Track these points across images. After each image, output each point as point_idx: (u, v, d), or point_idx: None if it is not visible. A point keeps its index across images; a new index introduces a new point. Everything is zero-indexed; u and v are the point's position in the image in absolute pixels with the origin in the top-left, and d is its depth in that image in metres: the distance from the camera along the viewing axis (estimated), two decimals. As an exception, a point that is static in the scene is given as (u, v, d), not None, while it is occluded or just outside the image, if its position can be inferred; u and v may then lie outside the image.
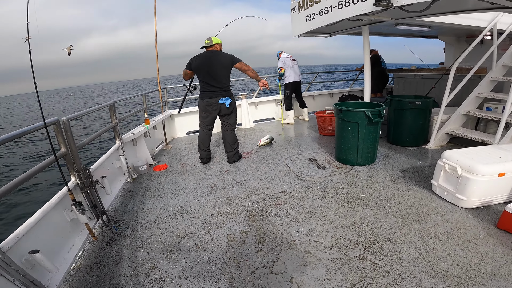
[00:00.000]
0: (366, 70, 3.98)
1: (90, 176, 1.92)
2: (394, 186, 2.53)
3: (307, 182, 2.70)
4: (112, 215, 2.34)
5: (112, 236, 2.03)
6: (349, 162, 3.10)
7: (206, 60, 3.05)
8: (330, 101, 6.75)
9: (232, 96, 3.24)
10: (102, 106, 2.60)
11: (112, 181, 2.70)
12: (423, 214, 2.07)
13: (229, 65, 3.07)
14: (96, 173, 2.26)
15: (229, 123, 3.34)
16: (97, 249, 1.88)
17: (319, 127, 4.61)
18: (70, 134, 1.80)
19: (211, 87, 3.10)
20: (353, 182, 2.64)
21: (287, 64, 5.14)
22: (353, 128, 2.91)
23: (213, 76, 3.05)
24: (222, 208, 2.31)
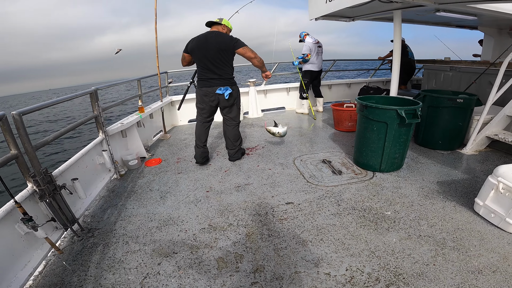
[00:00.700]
0: (395, 60, 3.53)
1: (52, 182, 1.65)
2: (426, 202, 2.16)
3: (319, 191, 2.36)
4: (88, 221, 2.10)
5: (81, 249, 1.80)
6: (371, 168, 2.73)
7: (203, 42, 2.63)
8: (348, 91, 6.29)
9: (234, 86, 2.83)
10: (79, 94, 2.30)
11: (93, 181, 2.45)
12: (462, 240, 1.73)
13: (229, 49, 2.64)
14: (65, 175, 1.99)
15: (230, 117, 2.97)
16: (61, 265, 1.66)
17: (335, 121, 4.22)
18: (24, 132, 1.53)
19: (208, 73, 2.71)
20: (375, 194, 2.29)
21: (313, 50, 4.72)
22: (380, 129, 2.52)
23: (210, 61, 2.65)
24: (216, 221, 2.02)
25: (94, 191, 2.40)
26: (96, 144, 2.55)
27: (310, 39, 4.77)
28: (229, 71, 2.76)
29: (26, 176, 1.55)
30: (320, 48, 4.83)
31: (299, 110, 5.33)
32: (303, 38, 4.85)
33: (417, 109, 2.41)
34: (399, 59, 3.62)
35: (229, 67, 2.74)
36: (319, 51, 4.82)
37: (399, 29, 3.46)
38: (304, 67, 4.87)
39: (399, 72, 3.67)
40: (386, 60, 6.10)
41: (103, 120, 2.61)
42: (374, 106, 2.48)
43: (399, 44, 3.55)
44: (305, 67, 4.85)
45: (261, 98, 5.61)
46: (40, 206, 1.66)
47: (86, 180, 2.32)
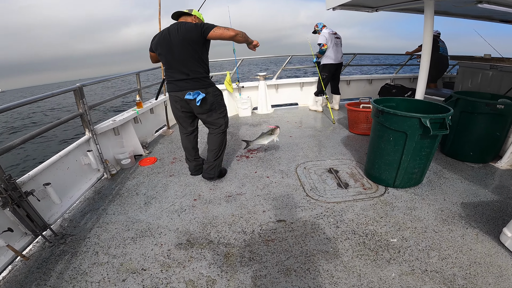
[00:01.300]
0: (424, 56, 3.18)
1: (17, 188, 1.60)
2: (443, 228, 1.90)
3: (318, 208, 2.17)
4: (64, 226, 2.07)
5: (49, 256, 1.77)
6: (383, 182, 2.48)
7: (165, 36, 2.21)
8: (369, 88, 5.90)
9: (210, 88, 2.37)
10: (61, 91, 2.25)
11: (76, 182, 2.42)
12: (476, 277, 1.49)
13: (198, 38, 2.16)
14: (37, 179, 1.96)
15: (209, 124, 2.53)
16: (25, 272, 1.64)
17: (349, 122, 3.95)
18: None
19: (175, 73, 2.30)
20: (383, 216, 2.06)
21: (329, 40, 4.45)
22: (398, 140, 2.25)
23: (175, 58, 2.24)
24: (196, 236, 1.90)
25: (77, 193, 2.37)
26: (81, 144, 2.51)
27: (327, 30, 4.53)
28: (200, 69, 2.30)
29: None
30: (338, 39, 4.54)
31: (312, 107, 5.11)
32: (320, 29, 4.59)
33: (446, 118, 2.09)
34: (428, 55, 3.27)
35: (199, 63, 2.29)
36: (337, 42, 4.53)
37: (430, 22, 3.10)
38: (322, 60, 4.61)
39: (428, 70, 3.32)
40: (415, 55, 5.64)
41: (90, 118, 2.55)
42: (392, 112, 2.19)
43: (429, 39, 3.20)
44: (323, 60, 4.60)
45: (272, 93, 5.42)
46: (6, 214, 1.62)
47: (66, 183, 2.29)
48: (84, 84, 2.55)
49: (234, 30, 2.16)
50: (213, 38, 2.18)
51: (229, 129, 4.27)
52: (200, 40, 2.18)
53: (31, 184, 1.88)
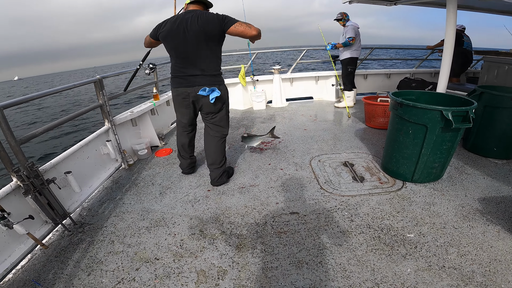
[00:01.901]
0: (446, 50, 3.03)
1: (39, 176, 1.65)
2: (463, 225, 1.81)
3: (332, 201, 2.12)
4: (83, 215, 2.13)
5: (68, 245, 1.82)
6: (401, 177, 2.38)
7: (180, 25, 1.97)
8: (387, 83, 5.69)
9: (222, 86, 2.20)
10: (82, 82, 2.29)
11: (95, 172, 2.48)
12: (496, 274, 1.42)
13: (217, 32, 1.97)
14: (58, 168, 2.01)
15: (215, 125, 2.32)
16: (43, 260, 1.69)
17: (366, 116, 3.83)
18: (6, 126, 1.53)
19: (188, 68, 2.09)
20: (400, 211, 1.98)
21: (358, 34, 4.33)
22: (417, 133, 2.15)
23: (191, 51, 2.03)
24: (208, 227, 1.90)
25: (96, 182, 2.43)
26: (101, 134, 2.57)
27: (352, 22, 4.36)
28: (216, 65, 2.13)
29: (9, 171, 1.56)
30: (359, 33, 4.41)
31: (340, 104, 4.81)
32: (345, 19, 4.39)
33: (469, 111, 1.97)
34: (451, 50, 3.11)
35: (216, 59, 2.11)
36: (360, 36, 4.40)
37: (453, 16, 2.94)
38: (347, 53, 4.43)
39: (450, 63, 3.16)
40: (437, 49, 5.36)
41: (109, 109, 2.60)
42: (412, 104, 2.09)
43: (452, 33, 3.03)
44: (350, 54, 4.41)
45: (287, 86, 5.34)
46: (28, 201, 1.67)
47: (86, 172, 2.35)
48: (104, 76, 2.59)
49: (256, 29, 1.96)
50: (232, 34, 2.00)
51: (243, 121, 4.26)
52: (219, 33, 2.00)
53: (52, 172, 1.94)
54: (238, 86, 4.99)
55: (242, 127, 3.99)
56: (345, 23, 4.39)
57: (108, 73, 2.85)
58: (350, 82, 4.61)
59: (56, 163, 1.97)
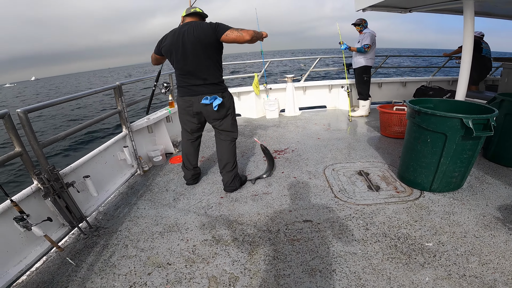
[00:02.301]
0: (464, 58, 2.98)
1: (59, 179, 1.71)
2: (484, 234, 1.74)
3: (346, 209, 2.08)
4: (99, 219, 2.18)
5: (83, 248, 1.86)
6: (418, 186, 2.32)
7: (179, 38, 2.05)
8: (403, 91, 5.60)
9: (225, 93, 2.24)
10: (103, 89, 2.39)
11: (112, 177, 2.55)
12: None
13: (213, 40, 2.01)
14: (78, 172, 2.08)
15: (223, 130, 2.37)
16: (58, 263, 1.73)
17: (381, 125, 3.77)
18: (29, 130, 1.61)
19: (190, 78, 2.15)
20: (417, 220, 1.92)
21: (374, 42, 4.26)
22: (436, 141, 2.09)
23: (191, 62, 2.08)
24: (221, 233, 1.90)
25: (112, 187, 2.49)
26: (118, 140, 2.65)
27: (369, 30, 4.27)
28: (217, 73, 2.18)
29: (31, 174, 1.63)
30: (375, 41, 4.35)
31: (356, 114, 4.75)
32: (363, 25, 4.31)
33: (490, 119, 1.91)
34: (470, 58, 3.06)
35: (216, 67, 2.16)
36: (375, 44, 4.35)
37: (470, 23, 2.90)
38: (362, 61, 4.35)
39: (468, 71, 3.10)
40: (454, 56, 5.26)
41: (127, 116, 2.68)
42: (430, 112, 2.04)
43: (470, 40, 2.99)
44: (365, 62, 4.34)
45: (300, 95, 5.35)
46: (47, 204, 1.73)
47: (103, 176, 2.41)
48: (123, 82, 2.68)
49: (249, 33, 1.95)
50: (226, 41, 2.02)
51: (257, 130, 4.28)
52: (215, 41, 2.03)
53: (72, 176, 2.02)
54: (251, 94, 5.05)
55: (255, 135, 4.01)
56: (362, 29, 4.32)
57: (127, 79, 2.96)
58: (365, 91, 4.55)
59: (76, 167, 2.04)
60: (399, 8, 3.37)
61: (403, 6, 3.30)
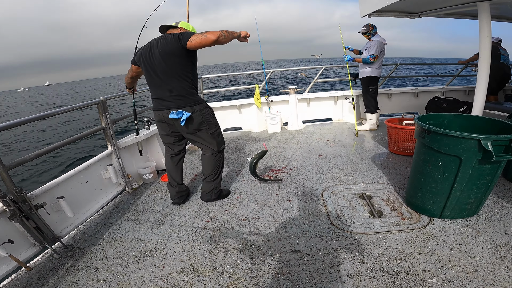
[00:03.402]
0: (482, 65, 2.84)
1: (27, 201, 1.69)
2: (500, 266, 1.58)
3: (342, 239, 1.94)
4: (77, 239, 2.14)
5: (52, 268, 1.83)
6: (427, 212, 2.16)
7: (147, 50, 2.13)
8: (414, 102, 5.42)
9: (196, 106, 2.21)
10: (85, 104, 2.39)
11: (94, 196, 2.52)
12: None
13: (178, 50, 2.02)
14: (52, 192, 2.07)
15: (200, 143, 2.41)
16: (24, 282, 1.71)
17: (389, 141, 3.61)
18: None
19: (157, 90, 2.20)
20: (423, 252, 1.76)
21: (382, 51, 4.13)
22: (449, 165, 1.92)
23: (157, 73, 2.12)
24: (201, 262, 1.81)
25: (95, 206, 2.46)
26: (103, 158, 2.63)
27: (379, 37, 4.12)
28: (184, 85, 2.15)
29: None
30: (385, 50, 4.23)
31: (364, 127, 4.60)
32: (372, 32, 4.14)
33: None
34: (487, 64, 2.93)
35: (183, 78, 2.14)
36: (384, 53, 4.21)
37: (487, 27, 2.79)
38: (367, 71, 4.23)
39: (487, 80, 2.96)
40: (469, 64, 5.10)
41: (112, 132, 2.67)
42: (442, 132, 1.85)
43: (487, 46, 2.86)
44: (370, 72, 4.21)
45: (303, 108, 5.25)
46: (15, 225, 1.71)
47: (84, 196, 2.39)
48: (108, 97, 2.68)
49: (214, 33, 1.94)
50: (193, 47, 2.01)
51: (256, 145, 4.20)
52: (181, 52, 2.04)
53: (45, 197, 1.99)
54: (253, 107, 5.00)
55: (253, 152, 3.93)
56: (370, 37, 4.17)
57: (112, 94, 2.95)
58: (372, 103, 4.42)
59: (49, 188, 2.02)
60: (407, 12, 3.29)
61: (412, 10, 3.22)
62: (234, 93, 14.02)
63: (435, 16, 3.34)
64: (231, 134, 4.96)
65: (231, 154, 3.90)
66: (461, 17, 3.49)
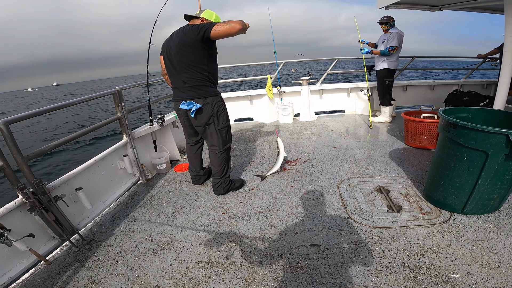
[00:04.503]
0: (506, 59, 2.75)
1: (46, 193, 1.71)
2: (525, 265, 1.54)
3: (361, 233, 1.93)
4: (94, 231, 2.17)
5: (72, 262, 1.85)
6: (448, 207, 2.12)
7: (169, 40, 2.21)
8: (430, 95, 5.30)
9: (208, 98, 2.22)
10: (101, 94, 2.39)
11: (110, 187, 2.56)
12: None
13: (194, 41, 2.04)
14: (70, 183, 2.09)
15: (206, 138, 2.44)
16: (44, 276, 1.73)
17: (406, 134, 3.55)
18: (12, 142, 1.61)
19: (174, 80, 2.27)
20: (444, 247, 1.74)
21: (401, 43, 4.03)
22: (474, 160, 1.88)
23: (172, 63, 2.19)
24: (218, 255, 1.82)
25: (111, 198, 2.49)
26: (118, 148, 2.64)
27: (397, 29, 4.00)
28: (198, 76, 2.16)
29: (14, 188, 1.63)
30: None
31: (378, 119, 4.56)
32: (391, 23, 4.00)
33: None
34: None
35: (197, 69, 2.14)
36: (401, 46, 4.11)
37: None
38: (385, 64, 4.14)
39: (510, 75, 2.86)
40: (488, 58, 4.92)
41: (128, 122, 2.68)
42: (469, 126, 1.80)
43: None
44: (387, 64, 4.12)
45: (315, 99, 5.20)
46: (34, 217, 1.73)
47: (100, 187, 2.41)
48: (123, 87, 2.69)
49: (238, 22, 1.92)
50: (217, 37, 2.00)
51: (268, 136, 4.17)
52: (197, 43, 2.04)
53: (63, 188, 2.01)
54: (264, 98, 4.97)
55: (266, 142, 3.91)
56: (389, 28, 4.08)
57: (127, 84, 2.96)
58: (387, 96, 4.33)
59: (68, 179, 2.04)
60: (427, 5, 3.17)
61: (433, 3, 3.10)
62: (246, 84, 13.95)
63: (457, 9, 3.21)
64: (243, 125, 4.94)
65: (243, 144, 3.90)
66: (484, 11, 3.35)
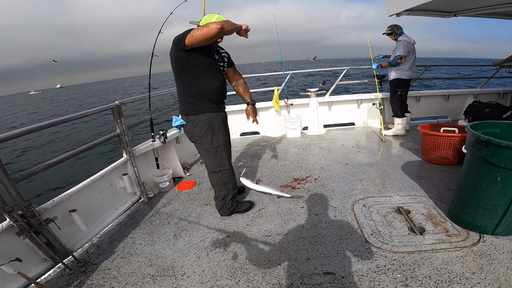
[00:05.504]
0: None
1: (36, 216, 1.61)
2: None
3: (380, 259, 1.76)
4: (90, 252, 2.07)
5: (64, 285, 1.75)
6: (477, 229, 1.95)
7: None
8: (445, 106, 5.15)
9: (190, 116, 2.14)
10: (99, 109, 2.32)
11: (109, 207, 2.45)
12: None
13: (176, 52, 1.94)
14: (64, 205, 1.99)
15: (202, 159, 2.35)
16: None
17: (423, 148, 3.38)
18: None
19: None
20: (476, 271, 1.58)
21: (411, 52, 3.95)
22: (509, 181, 1.73)
23: None
24: (222, 283, 1.68)
25: (110, 217, 2.39)
26: (118, 166, 2.55)
27: (406, 37, 3.97)
28: (179, 89, 2.12)
29: (2, 211, 1.54)
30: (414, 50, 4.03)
31: (389, 132, 4.41)
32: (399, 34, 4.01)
33: None
34: None
35: (181, 83, 2.08)
36: (415, 53, 4.01)
37: None
38: (395, 74, 4.07)
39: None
40: (505, 65, 4.79)
41: (128, 139, 2.59)
42: (504, 144, 1.65)
43: None
44: (398, 74, 4.04)
45: (324, 111, 5.07)
46: (24, 240, 1.64)
47: (98, 207, 2.32)
48: (123, 101, 2.61)
49: (216, 23, 1.78)
50: (195, 43, 1.83)
51: (274, 152, 4.04)
52: (178, 53, 1.93)
53: (56, 210, 1.92)
54: (271, 111, 4.86)
55: (274, 158, 3.79)
56: (397, 37, 4.02)
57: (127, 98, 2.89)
58: (399, 107, 4.20)
59: (61, 200, 1.94)
60: (441, 12, 3.09)
61: (447, 9, 3.01)
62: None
63: (472, 15, 3.12)
64: (249, 139, 4.83)
65: (250, 161, 3.77)
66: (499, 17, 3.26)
